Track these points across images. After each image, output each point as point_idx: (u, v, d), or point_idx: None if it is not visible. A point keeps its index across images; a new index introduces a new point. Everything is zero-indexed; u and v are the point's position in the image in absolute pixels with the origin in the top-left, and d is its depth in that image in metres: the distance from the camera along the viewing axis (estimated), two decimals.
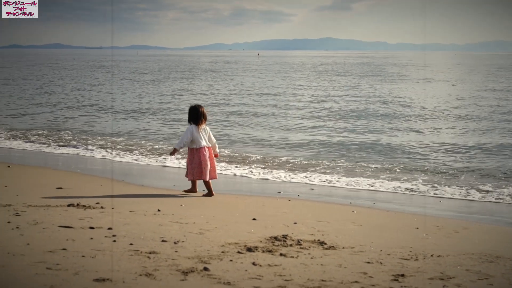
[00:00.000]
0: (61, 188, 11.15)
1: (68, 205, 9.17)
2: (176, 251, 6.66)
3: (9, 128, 22.87)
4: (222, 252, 6.77)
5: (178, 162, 15.60)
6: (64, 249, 6.43)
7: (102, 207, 9.18)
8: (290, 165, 15.71)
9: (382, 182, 13.55)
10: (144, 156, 16.76)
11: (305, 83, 52.47)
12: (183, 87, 47.73)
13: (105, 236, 7.17)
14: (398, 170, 14.92)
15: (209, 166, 11.34)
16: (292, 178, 13.94)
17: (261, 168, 15.21)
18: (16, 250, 6.25)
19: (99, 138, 20.33)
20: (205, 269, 6.02)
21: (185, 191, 11.63)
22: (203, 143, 11.32)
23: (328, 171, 14.84)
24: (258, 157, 16.80)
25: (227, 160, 16.16)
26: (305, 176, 14.15)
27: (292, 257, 6.76)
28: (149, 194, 11.20)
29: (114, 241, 6.97)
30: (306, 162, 16.05)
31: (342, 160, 16.34)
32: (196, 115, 11.43)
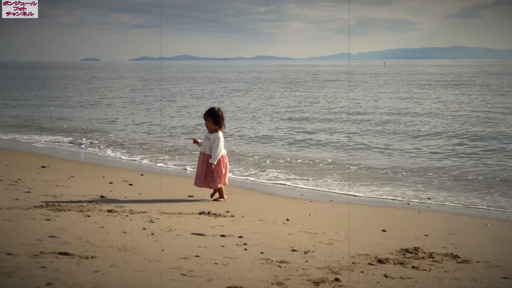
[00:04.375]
0: (192, 196, 11.39)
1: (200, 213, 9.35)
2: (306, 261, 6.65)
3: (138, 140, 23.67)
4: (353, 263, 6.70)
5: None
6: (197, 256, 6.56)
7: (232, 216, 9.31)
8: (417, 175, 15.41)
9: None
10: (269, 165, 16.90)
11: (433, 95, 51.37)
12: (306, 96, 47.83)
13: (236, 244, 7.26)
14: None
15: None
16: (421, 191, 13.66)
17: (388, 180, 15.01)
18: (152, 256, 6.44)
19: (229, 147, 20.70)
20: (336, 279, 5.98)
21: (216, 199, 11.08)
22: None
23: (464, 185, 14.48)
24: (384, 169, 16.59)
25: (360, 172, 16.06)
26: (436, 189, 13.84)
27: (425, 270, 6.61)
28: (278, 204, 11.27)
29: (245, 249, 7.04)
30: (438, 178, 15.63)
31: (456, 175, 15.88)
32: (223, 120, 10.84)
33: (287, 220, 9.23)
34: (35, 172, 13.60)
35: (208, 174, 10.80)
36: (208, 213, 9.37)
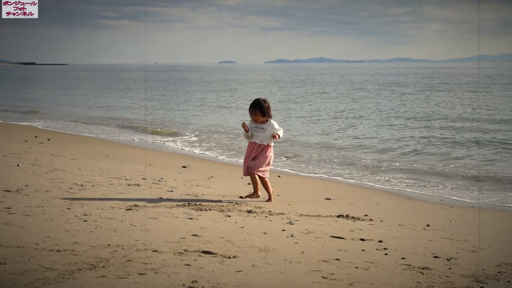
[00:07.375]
0: (329, 199, 11.38)
1: (338, 216, 9.31)
2: (449, 268, 6.49)
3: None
4: (499, 272, 6.47)
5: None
6: (337, 259, 6.54)
7: (370, 219, 9.21)
8: None
9: None
10: (401, 169, 16.60)
11: None
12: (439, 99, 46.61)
13: (376, 249, 7.18)
14: None
15: None
16: None
17: None
18: (293, 257, 6.47)
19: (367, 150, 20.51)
20: None
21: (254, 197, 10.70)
22: None
23: None
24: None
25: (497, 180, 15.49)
26: None
27: None
28: (417, 208, 11.05)
29: (386, 254, 6.95)
30: None
31: None
32: (269, 109, 10.40)
33: (428, 225, 9.03)
34: (176, 172, 13.99)
35: (256, 159, 10.43)
36: (347, 216, 9.32)
